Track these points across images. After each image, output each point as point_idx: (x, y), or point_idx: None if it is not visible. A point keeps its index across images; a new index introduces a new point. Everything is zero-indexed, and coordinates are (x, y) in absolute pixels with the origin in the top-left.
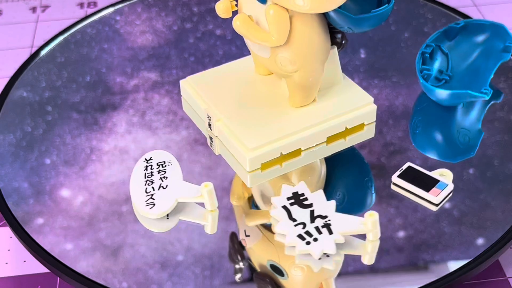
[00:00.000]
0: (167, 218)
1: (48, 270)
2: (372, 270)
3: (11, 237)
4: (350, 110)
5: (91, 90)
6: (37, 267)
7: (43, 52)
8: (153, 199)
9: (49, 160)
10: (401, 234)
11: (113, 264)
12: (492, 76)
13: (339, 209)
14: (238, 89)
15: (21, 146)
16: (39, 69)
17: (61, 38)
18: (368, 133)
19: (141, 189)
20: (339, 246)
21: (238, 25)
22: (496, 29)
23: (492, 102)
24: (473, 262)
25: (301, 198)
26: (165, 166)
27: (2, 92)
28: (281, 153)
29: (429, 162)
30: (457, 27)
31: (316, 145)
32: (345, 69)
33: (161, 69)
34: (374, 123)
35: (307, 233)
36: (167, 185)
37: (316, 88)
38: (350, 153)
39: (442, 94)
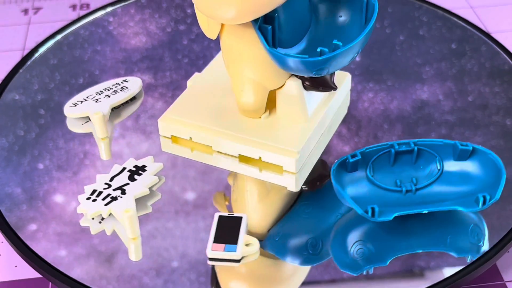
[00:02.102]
0: (82, 124)
1: (40, 276)
2: (368, 276)
3: (2, 242)
4: (269, 144)
5: None
6: (29, 273)
7: (35, 55)
8: (81, 104)
9: (42, 165)
10: None
11: (108, 271)
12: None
13: None
14: None
15: (14, 151)
16: (31, 72)
17: (53, 40)
18: (288, 182)
19: (87, 94)
20: (115, 224)
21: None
22: (492, 171)
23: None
24: (468, 267)
25: (140, 172)
26: (122, 90)
27: None
28: (190, 137)
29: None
30: (459, 148)
31: (226, 154)
32: (340, 73)
33: (154, 71)
34: (294, 176)
35: (100, 193)
36: (100, 102)
37: (252, 106)
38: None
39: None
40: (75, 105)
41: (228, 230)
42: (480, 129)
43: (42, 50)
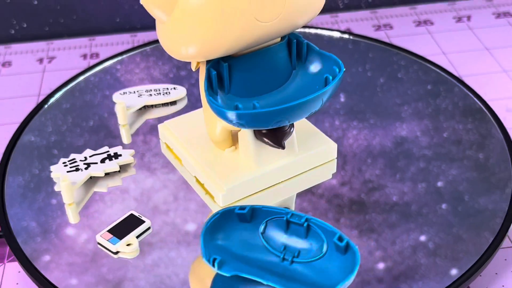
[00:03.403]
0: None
1: None
2: None
3: (19, 272)
4: (211, 174)
5: (94, 134)
6: None
7: (50, 100)
8: (128, 94)
9: (55, 201)
10: (381, 265)
11: None
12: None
13: None
14: None
15: (30, 188)
16: (46, 115)
17: (66, 86)
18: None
19: (139, 89)
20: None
21: None
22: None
23: None
24: None
25: (113, 157)
26: (164, 94)
27: (12, 137)
28: (172, 148)
29: (406, 197)
30: (332, 241)
31: (185, 170)
32: (327, 112)
33: None
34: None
35: (74, 162)
36: (141, 97)
37: (214, 138)
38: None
39: None
40: (123, 94)
41: (126, 226)
42: (455, 162)
43: (56, 96)
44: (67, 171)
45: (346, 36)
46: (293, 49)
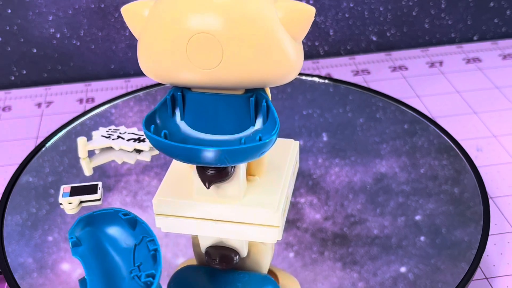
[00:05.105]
0: None
1: None
2: None
3: None
4: (160, 190)
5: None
6: None
7: (47, 142)
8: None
9: (51, 238)
10: None
11: None
12: None
13: None
14: None
15: (27, 226)
16: (43, 157)
17: (64, 130)
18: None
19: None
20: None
21: None
22: None
23: None
24: None
25: (139, 141)
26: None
27: (11, 177)
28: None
29: (386, 231)
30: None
31: None
32: (310, 151)
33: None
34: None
35: (115, 132)
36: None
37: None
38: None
39: None
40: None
41: (84, 190)
42: (432, 197)
43: (53, 138)
44: (101, 135)
45: (326, 81)
46: (251, 105)
